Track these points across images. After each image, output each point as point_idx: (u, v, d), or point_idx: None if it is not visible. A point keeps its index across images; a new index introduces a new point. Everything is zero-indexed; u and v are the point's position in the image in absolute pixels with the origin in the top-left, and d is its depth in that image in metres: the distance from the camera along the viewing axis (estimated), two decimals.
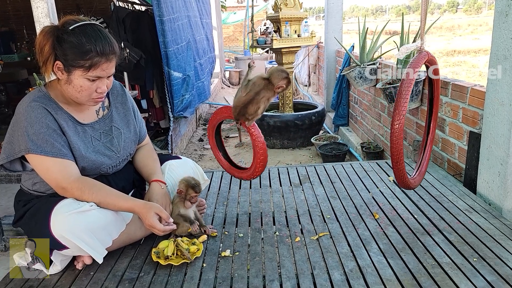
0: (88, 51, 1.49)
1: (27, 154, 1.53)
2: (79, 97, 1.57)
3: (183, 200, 1.81)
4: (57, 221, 1.48)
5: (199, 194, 1.82)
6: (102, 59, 1.52)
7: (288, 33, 4.86)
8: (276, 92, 1.87)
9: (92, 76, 1.52)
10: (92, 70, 1.51)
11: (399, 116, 1.72)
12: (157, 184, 1.79)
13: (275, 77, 1.84)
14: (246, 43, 12.62)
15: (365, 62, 3.85)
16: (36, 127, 1.52)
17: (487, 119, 2.08)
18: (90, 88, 1.55)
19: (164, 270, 1.60)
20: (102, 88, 1.58)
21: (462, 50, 12.14)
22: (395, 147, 1.74)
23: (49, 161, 1.54)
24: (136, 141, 1.88)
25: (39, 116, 1.53)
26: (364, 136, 4.40)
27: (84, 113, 1.69)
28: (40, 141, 1.52)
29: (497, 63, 1.97)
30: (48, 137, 1.54)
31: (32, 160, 1.56)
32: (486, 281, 1.45)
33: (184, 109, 4.40)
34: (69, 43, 1.49)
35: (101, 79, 1.56)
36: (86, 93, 1.56)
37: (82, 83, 1.53)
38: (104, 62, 1.53)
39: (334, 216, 2.02)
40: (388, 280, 1.48)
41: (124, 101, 1.84)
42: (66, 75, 1.53)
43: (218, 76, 9.80)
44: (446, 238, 1.76)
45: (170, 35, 3.93)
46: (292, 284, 1.49)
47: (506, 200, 1.98)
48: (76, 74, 1.51)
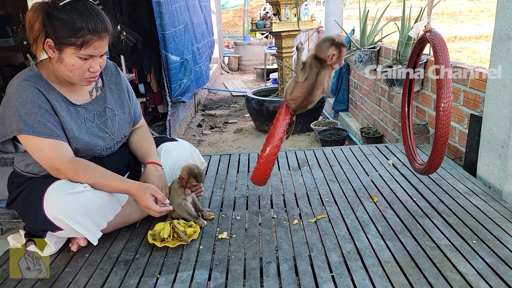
0: (79, 29, 1.44)
1: (19, 134, 1.50)
2: (71, 76, 1.53)
3: (183, 187, 1.78)
4: (50, 202, 1.46)
5: (201, 183, 1.78)
6: (94, 37, 1.47)
7: (288, 16, 4.79)
8: (333, 65, 1.66)
9: (84, 55, 1.48)
10: (84, 48, 1.47)
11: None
12: (152, 166, 1.77)
13: (321, 51, 1.64)
14: (245, 28, 12.51)
15: (365, 45, 3.80)
16: (28, 107, 1.49)
17: (489, 101, 2.05)
18: (82, 67, 1.51)
19: (160, 252, 1.59)
20: (95, 68, 1.54)
21: (463, 36, 12.03)
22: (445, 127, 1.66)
23: (41, 142, 1.51)
24: (131, 123, 1.85)
25: (30, 95, 1.49)
26: (364, 121, 4.37)
27: (77, 94, 1.65)
28: (32, 121, 1.49)
29: (500, 43, 1.93)
30: (40, 117, 1.50)
31: (25, 141, 1.52)
32: (485, 262, 1.43)
33: (182, 94, 4.36)
34: (59, 20, 1.44)
35: (93, 58, 1.52)
36: (78, 72, 1.52)
37: (74, 62, 1.49)
38: (96, 40, 1.48)
39: (333, 199, 2.00)
40: (386, 262, 1.47)
41: (118, 82, 1.80)
42: (57, 53, 1.48)
43: (217, 62, 9.72)
44: (445, 220, 1.74)
45: (168, 18, 3.87)
46: (289, 266, 1.48)
47: (506, 182, 1.96)
48: (67, 53, 1.47)
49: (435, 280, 1.35)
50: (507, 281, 1.33)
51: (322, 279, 1.39)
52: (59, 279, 1.45)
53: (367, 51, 3.73)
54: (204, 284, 1.39)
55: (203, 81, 5.70)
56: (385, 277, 1.39)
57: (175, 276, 1.44)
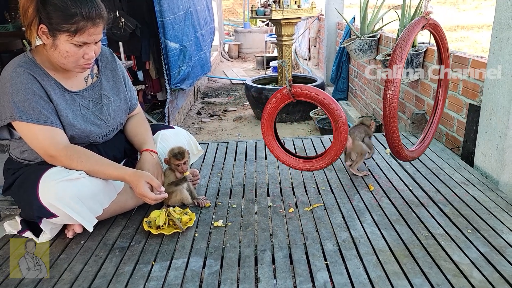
0: (73, 15, 1.42)
1: (13, 121, 1.50)
2: (65, 63, 1.52)
3: (173, 171, 1.79)
4: (45, 188, 1.46)
5: (184, 162, 1.77)
6: (88, 24, 1.45)
7: (288, 3, 4.74)
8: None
9: (78, 41, 1.47)
10: (78, 35, 1.45)
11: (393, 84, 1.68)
12: (148, 154, 1.76)
13: None
14: (245, 16, 12.40)
15: (365, 34, 3.76)
16: (22, 93, 1.48)
17: (487, 91, 2.04)
18: (77, 54, 1.50)
19: (156, 239, 1.59)
20: (89, 54, 1.52)
21: (465, 26, 11.93)
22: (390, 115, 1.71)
23: (36, 129, 1.50)
24: (127, 110, 1.84)
25: (24, 82, 1.48)
26: (363, 110, 4.35)
27: (72, 80, 1.64)
28: (26, 108, 1.48)
29: (500, 32, 1.91)
30: (35, 104, 1.49)
31: (19, 128, 1.52)
32: (479, 252, 1.44)
33: (181, 81, 4.33)
34: (53, 5, 1.42)
35: (88, 44, 1.50)
36: (72, 59, 1.50)
37: (68, 49, 1.47)
38: (90, 27, 1.46)
39: (329, 187, 2.00)
40: (380, 251, 1.47)
41: (114, 68, 1.79)
42: (51, 40, 1.47)
43: (217, 49, 9.66)
44: (441, 210, 1.74)
45: (167, 4, 3.83)
46: (284, 253, 1.48)
47: (503, 173, 1.95)
48: (61, 39, 1.46)
49: (429, 269, 1.36)
50: (500, 270, 1.33)
51: (317, 267, 1.40)
52: (54, 266, 1.45)
53: (367, 39, 3.70)
54: (198, 272, 1.40)
55: (208, 68, 5.65)
56: (379, 265, 1.39)
57: (170, 263, 1.45)
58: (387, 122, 1.81)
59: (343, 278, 1.34)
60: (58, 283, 1.36)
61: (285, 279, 1.34)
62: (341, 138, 1.78)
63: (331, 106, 1.75)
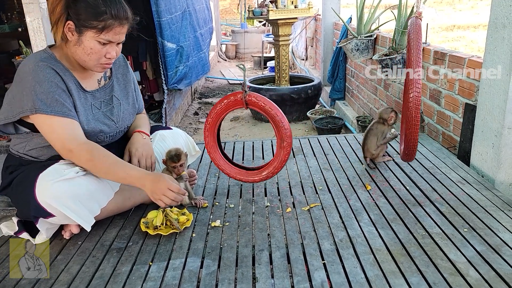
0: (102, 13, 1.47)
1: (33, 114, 1.49)
2: (87, 60, 1.54)
3: (170, 172, 1.79)
4: (42, 188, 1.46)
5: (180, 164, 1.77)
6: (115, 23, 1.50)
7: (285, 3, 4.75)
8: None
9: (103, 39, 1.51)
10: (104, 33, 1.49)
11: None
12: (139, 134, 1.79)
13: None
14: (242, 16, 12.41)
15: (362, 33, 3.77)
16: (45, 85, 1.49)
17: (483, 90, 2.05)
18: (100, 52, 1.53)
19: (153, 239, 1.59)
20: (111, 54, 1.56)
21: (461, 25, 11.96)
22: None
23: (57, 121, 1.50)
24: (134, 114, 1.87)
25: (47, 75, 1.50)
26: (360, 110, 4.36)
27: (87, 80, 1.66)
28: (49, 100, 1.49)
29: (495, 31, 1.92)
30: (58, 97, 1.51)
31: (39, 120, 1.51)
32: (475, 250, 1.45)
33: (178, 81, 4.34)
34: (84, 2, 1.47)
35: (111, 44, 1.54)
36: (95, 56, 1.53)
37: (92, 45, 1.51)
38: (117, 26, 1.51)
39: (326, 187, 2.01)
40: (377, 250, 1.47)
41: (125, 73, 1.82)
42: (76, 36, 1.50)
43: (215, 50, 9.66)
44: (437, 209, 1.75)
45: (164, 4, 3.84)
46: (281, 253, 1.49)
47: (499, 172, 1.96)
48: (87, 35, 1.49)
49: (426, 268, 1.36)
50: (496, 269, 1.34)
51: (314, 266, 1.40)
52: (51, 267, 1.45)
53: (363, 39, 3.71)
54: (196, 272, 1.40)
55: (208, 67, 5.66)
56: (376, 264, 1.40)
57: (168, 263, 1.45)
58: (412, 124, 1.81)
59: (341, 277, 1.34)
60: (55, 284, 1.36)
61: (283, 278, 1.35)
62: (283, 158, 1.82)
63: (281, 123, 1.77)
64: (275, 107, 1.78)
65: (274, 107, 1.78)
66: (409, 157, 1.99)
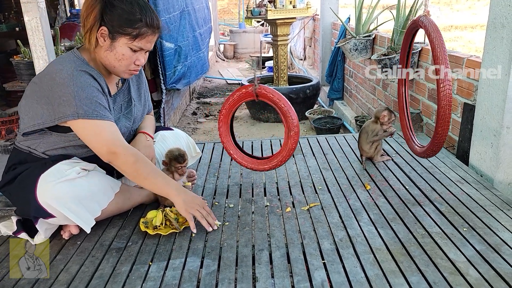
0: (137, 20, 1.50)
1: (76, 119, 1.48)
2: (117, 65, 1.56)
3: (171, 173, 1.79)
4: (43, 189, 1.45)
5: (184, 164, 1.79)
6: (149, 31, 1.53)
7: (283, 3, 4.76)
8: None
9: (136, 46, 1.53)
10: (137, 40, 1.52)
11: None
12: (142, 135, 1.80)
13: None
14: (241, 16, 12.40)
15: (360, 33, 3.78)
16: (88, 91, 1.49)
17: (482, 90, 2.05)
18: (131, 58, 1.56)
19: (153, 239, 1.59)
20: (140, 61, 1.59)
21: (459, 25, 11.99)
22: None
23: (102, 125, 1.51)
24: (144, 115, 1.90)
25: (88, 81, 1.51)
26: (359, 109, 4.36)
27: (111, 85, 1.68)
28: (94, 104, 1.50)
29: (494, 31, 1.92)
30: (101, 101, 1.53)
31: (81, 126, 1.50)
32: (475, 250, 1.45)
33: (177, 81, 4.33)
34: (121, 9, 1.49)
35: (141, 51, 1.57)
36: (125, 62, 1.55)
37: (124, 52, 1.53)
38: (150, 34, 1.54)
39: (326, 187, 2.01)
40: (377, 249, 1.48)
41: (139, 75, 1.86)
42: (109, 41, 1.52)
43: (213, 49, 9.65)
44: (437, 208, 1.75)
45: (162, 4, 3.83)
46: (281, 253, 1.48)
47: (498, 171, 1.97)
48: (120, 42, 1.51)
49: (425, 267, 1.37)
50: (496, 268, 1.34)
51: (314, 266, 1.40)
52: (50, 267, 1.44)
53: (362, 39, 3.72)
54: (196, 272, 1.40)
55: (207, 67, 5.66)
56: (376, 264, 1.40)
57: (167, 263, 1.44)
58: (445, 121, 1.82)
59: (341, 277, 1.34)
60: (54, 284, 1.35)
61: (283, 278, 1.35)
62: (291, 146, 1.87)
63: (288, 113, 1.83)
64: (282, 98, 1.85)
65: (282, 98, 1.85)
66: (433, 153, 1.96)
